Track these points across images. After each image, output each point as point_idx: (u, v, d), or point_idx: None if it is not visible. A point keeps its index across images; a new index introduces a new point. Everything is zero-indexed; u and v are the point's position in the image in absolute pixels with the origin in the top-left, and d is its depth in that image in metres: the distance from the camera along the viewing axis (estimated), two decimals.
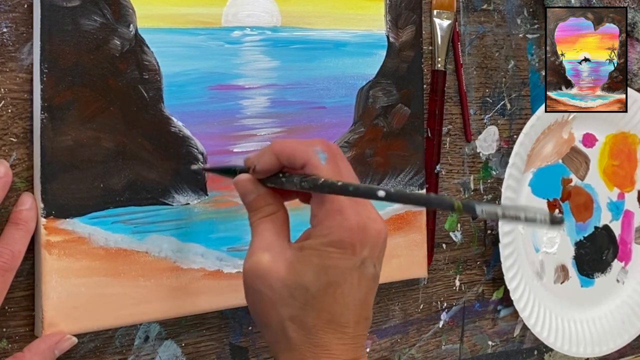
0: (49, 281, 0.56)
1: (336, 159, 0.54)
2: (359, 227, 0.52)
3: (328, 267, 0.52)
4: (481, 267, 0.84)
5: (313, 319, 0.52)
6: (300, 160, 0.53)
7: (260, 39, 0.66)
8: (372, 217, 0.53)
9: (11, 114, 0.56)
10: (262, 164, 0.55)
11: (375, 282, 0.55)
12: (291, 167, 0.54)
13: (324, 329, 0.52)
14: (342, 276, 0.52)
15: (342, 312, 0.52)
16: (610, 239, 0.91)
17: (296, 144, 0.54)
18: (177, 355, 0.65)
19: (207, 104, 0.64)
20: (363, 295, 0.53)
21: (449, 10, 0.79)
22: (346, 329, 0.52)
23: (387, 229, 0.55)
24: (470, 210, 0.43)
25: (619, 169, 0.91)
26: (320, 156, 0.53)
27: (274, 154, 0.54)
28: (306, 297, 0.52)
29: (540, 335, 0.84)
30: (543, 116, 0.82)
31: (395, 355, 0.78)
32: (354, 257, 0.52)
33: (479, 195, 0.84)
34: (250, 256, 0.54)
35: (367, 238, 0.52)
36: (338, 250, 0.52)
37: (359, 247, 0.52)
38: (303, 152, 0.53)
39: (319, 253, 0.52)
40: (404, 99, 0.74)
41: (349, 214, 0.52)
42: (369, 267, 0.53)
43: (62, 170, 0.57)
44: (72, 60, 0.57)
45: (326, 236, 0.52)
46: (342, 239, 0.52)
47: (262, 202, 0.55)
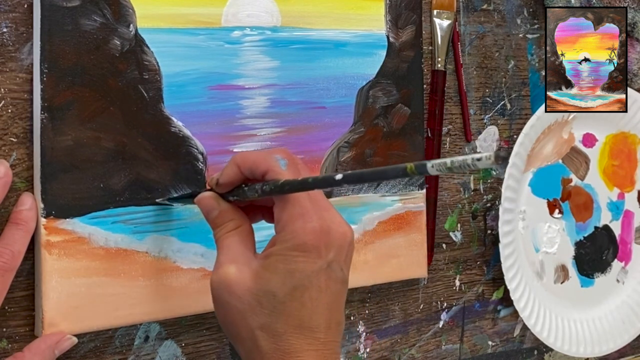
0: (49, 281, 0.56)
1: (296, 165, 0.54)
2: (323, 230, 0.52)
3: (293, 271, 0.51)
4: (481, 267, 0.84)
5: (282, 324, 0.51)
6: (262, 168, 0.53)
7: (260, 39, 0.66)
8: (336, 220, 0.53)
9: (11, 114, 0.56)
10: (224, 176, 0.55)
11: (344, 285, 0.54)
12: (253, 178, 0.55)
13: (294, 335, 0.52)
14: (308, 280, 0.52)
15: (311, 317, 0.52)
16: (610, 239, 0.91)
17: (256, 154, 0.55)
18: (177, 355, 0.65)
19: (207, 104, 0.64)
20: (332, 298, 0.53)
21: (449, 10, 0.79)
22: (316, 334, 0.52)
23: (353, 233, 0.54)
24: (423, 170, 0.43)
25: (619, 169, 0.91)
26: (281, 162, 0.53)
27: (236, 165, 0.55)
28: (273, 303, 0.52)
29: (540, 335, 0.84)
30: (543, 116, 0.82)
31: (395, 355, 0.78)
32: (319, 260, 0.52)
33: (479, 195, 0.84)
34: (217, 270, 0.54)
35: (332, 241, 0.52)
36: (302, 254, 0.52)
37: (323, 250, 0.52)
38: (263, 160, 0.53)
39: (284, 258, 0.52)
40: (404, 99, 0.74)
41: (311, 217, 0.52)
42: (336, 271, 0.53)
43: (62, 170, 0.57)
44: (72, 60, 0.57)
45: (289, 240, 0.52)
46: (306, 242, 0.51)
47: (226, 217, 0.56)
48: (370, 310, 0.76)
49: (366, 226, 0.72)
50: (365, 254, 0.72)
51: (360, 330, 0.75)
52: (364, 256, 0.72)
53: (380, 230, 0.73)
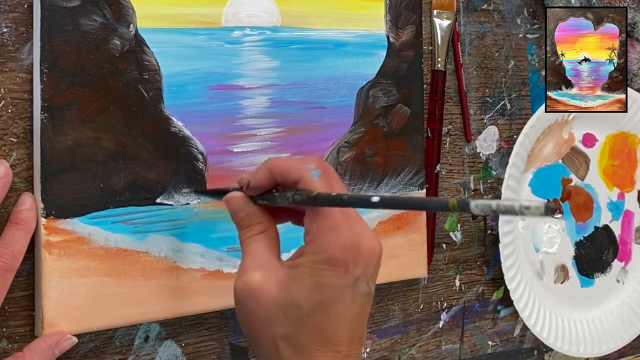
0: (49, 281, 0.56)
1: (329, 177, 0.54)
2: (352, 245, 0.51)
3: (321, 285, 0.51)
4: (481, 267, 0.84)
5: (305, 337, 0.51)
6: (294, 177, 0.53)
7: (260, 39, 0.66)
8: (365, 235, 0.53)
9: (11, 114, 0.56)
10: (256, 179, 0.55)
11: (369, 300, 0.54)
12: (284, 184, 0.54)
13: (317, 348, 0.51)
14: (335, 294, 0.51)
15: (335, 331, 0.52)
16: (610, 239, 0.91)
17: (290, 161, 0.54)
18: (177, 355, 0.65)
19: (207, 104, 0.64)
20: (356, 313, 0.53)
21: (449, 10, 0.79)
22: (339, 347, 0.52)
23: (382, 247, 0.54)
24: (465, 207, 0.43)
25: (619, 169, 0.91)
26: (314, 173, 0.53)
27: (268, 170, 0.54)
28: (299, 315, 0.51)
29: (540, 335, 0.84)
30: (543, 116, 0.82)
31: (395, 355, 0.78)
32: (347, 275, 0.51)
33: (479, 195, 0.84)
34: (242, 275, 0.53)
35: (361, 256, 0.52)
36: (331, 268, 0.51)
37: (352, 265, 0.51)
38: (297, 169, 0.53)
39: (312, 271, 0.51)
40: (404, 99, 0.74)
41: (342, 231, 0.51)
42: (362, 286, 0.53)
43: (62, 170, 0.57)
44: (72, 60, 0.57)
45: (319, 254, 0.51)
46: (335, 256, 0.51)
47: (253, 220, 0.55)
48: (370, 310, 0.76)
49: None
50: None
51: None
52: None
53: (380, 230, 0.73)
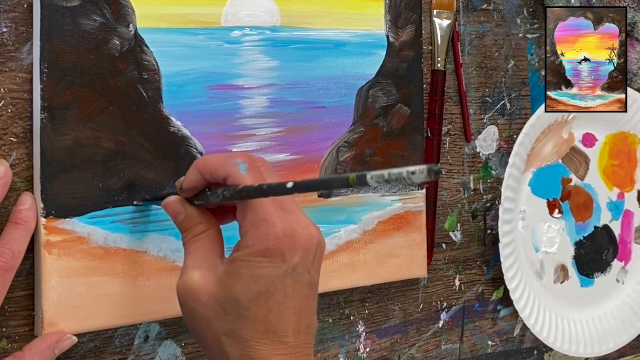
0: (49, 281, 0.56)
1: (259, 169, 0.54)
2: (286, 235, 0.51)
3: (258, 277, 0.51)
4: (481, 267, 0.84)
5: (248, 331, 0.51)
6: (222, 173, 0.53)
7: (260, 39, 0.66)
8: (302, 223, 0.53)
9: (11, 114, 0.56)
10: (187, 182, 0.55)
11: (313, 288, 0.54)
12: (216, 183, 0.54)
13: (261, 341, 0.51)
14: (273, 285, 0.51)
15: (278, 322, 0.51)
16: (610, 239, 0.91)
17: (217, 158, 0.54)
18: (177, 355, 0.65)
19: (207, 104, 0.64)
20: (300, 302, 0.52)
21: (449, 10, 0.79)
22: (285, 338, 0.51)
23: (321, 235, 0.54)
24: (363, 181, 0.43)
25: (619, 169, 0.91)
26: (241, 167, 0.53)
27: (197, 171, 0.54)
28: (238, 309, 0.51)
29: (540, 335, 0.84)
30: (543, 116, 0.82)
31: (395, 355, 0.78)
32: (283, 264, 0.51)
33: (479, 195, 0.84)
34: (182, 276, 0.54)
35: (297, 244, 0.52)
36: (266, 259, 0.51)
37: (288, 254, 0.51)
38: (223, 165, 0.53)
39: (247, 264, 0.51)
40: (404, 99, 0.74)
41: (274, 222, 0.51)
42: (302, 274, 0.52)
43: (62, 170, 0.57)
44: (72, 60, 0.57)
45: (253, 246, 0.51)
46: (269, 247, 0.51)
47: (192, 222, 0.55)
48: (370, 310, 0.76)
49: (366, 226, 0.72)
50: (365, 254, 0.72)
51: (360, 330, 0.75)
52: (364, 256, 0.72)
53: (380, 230, 0.73)
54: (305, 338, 0.53)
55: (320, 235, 0.54)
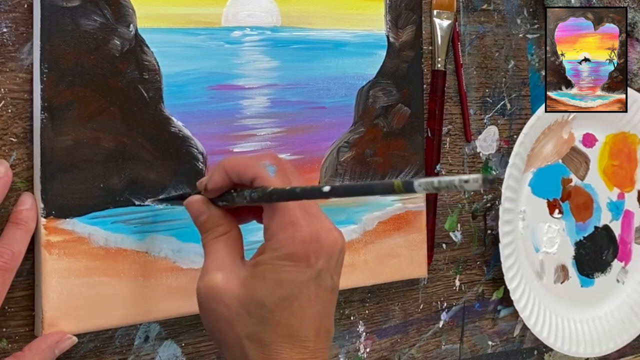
0: (49, 281, 0.56)
1: (286, 171, 0.54)
2: (312, 239, 0.51)
3: (282, 281, 0.51)
4: (481, 267, 0.84)
5: (270, 334, 0.51)
6: (250, 175, 0.53)
7: (260, 39, 0.66)
8: (326, 227, 0.53)
9: (11, 114, 0.56)
10: (213, 181, 0.55)
11: (334, 293, 0.54)
12: (242, 184, 0.54)
13: (283, 345, 0.51)
14: (298, 289, 0.51)
15: (300, 326, 0.51)
16: (610, 239, 0.91)
17: (245, 159, 0.54)
18: (177, 355, 0.65)
19: (207, 104, 0.64)
20: (321, 307, 0.52)
21: (449, 10, 0.79)
22: (305, 342, 0.51)
23: (344, 239, 0.54)
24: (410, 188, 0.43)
25: (619, 169, 0.91)
26: (269, 169, 0.53)
27: (224, 171, 0.54)
28: (262, 312, 0.51)
29: (540, 335, 0.84)
30: (543, 116, 0.82)
31: (395, 355, 0.78)
32: (308, 269, 0.51)
33: (479, 195, 0.84)
34: (203, 276, 0.53)
35: (322, 249, 0.52)
36: (291, 263, 0.51)
37: (313, 258, 0.51)
38: (251, 167, 0.53)
39: (273, 267, 0.51)
40: (404, 99, 0.74)
41: (301, 225, 0.51)
42: (325, 279, 0.52)
43: (62, 170, 0.57)
44: (72, 60, 0.57)
45: (278, 250, 0.51)
46: (295, 251, 0.51)
47: (215, 223, 0.55)
48: (370, 310, 0.76)
49: (366, 226, 0.72)
50: (365, 254, 0.72)
51: (360, 330, 0.75)
52: (364, 256, 0.72)
53: (380, 230, 0.73)
54: (324, 342, 0.53)
55: (343, 239, 0.54)
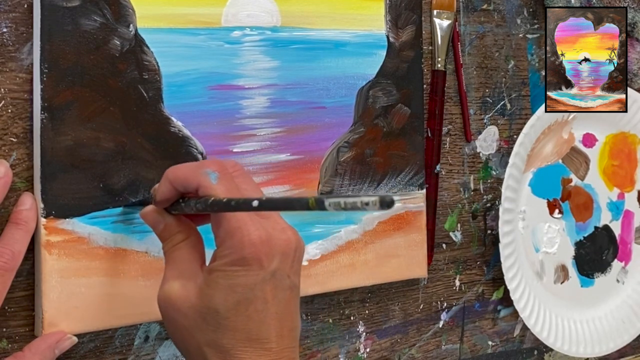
0: (49, 281, 0.56)
1: (231, 177, 0.53)
2: (262, 241, 0.51)
3: (235, 286, 0.50)
4: (481, 267, 0.84)
5: (229, 340, 0.51)
6: (193, 184, 0.52)
7: (260, 39, 0.66)
8: (278, 227, 0.52)
9: (11, 114, 0.56)
10: (160, 193, 0.54)
11: (294, 291, 0.53)
12: (188, 192, 0.54)
13: (243, 349, 0.51)
14: (252, 292, 0.51)
15: (260, 329, 0.51)
16: (610, 239, 0.91)
17: (187, 168, 0.54)
18: (177, 355, 0.65)
19: (207, 104, 0.64)
20: (281, 307, 0.52)
21: (449, 10, 0.79)
22: (267, 344, 0.51)
23: (299, 237, 0.53)
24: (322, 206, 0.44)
25: (619, 169, 0.91)
26: (211, 176, 0.52)
27: (169, 182, 0.54)
28: (217, 319, 0.51)
29: (540, 335, 0.84)
30: (543, 116, 0.82)
31: (395, 355, 0.78)
32: (261, 271, 0.51)
33: (479, 195, 0.84)
34: (162, 285, 0.53)
35: (274, 249, 0.51)
36: (242, 268, 0.51)
37: (265, 260, 0.51)
38: (194, 176, 0.52)
39: (224, 274, 0.51)
40: (404, 99, 0.74)
41: (248, 229, 0.51)
42: (282, 279, 0.52)
43: (62, 170, 0.57)
44: (72, 60, 0.57)
45: (228, 255, 0.51)
46: (244, 255, 0.50)
47: (171, 231, 0.55)
48: (370, 310, 0.76)
49: (366, 226, 0.72)
50: (365, 254, 0.72)
51: (360, 330, 0.75)
52: (364, 256, 0.72)
53: (380, 230, 0.73)
54: (288, 341, 0.52)
55: (297, 238, 0.53)
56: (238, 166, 0.55)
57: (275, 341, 0.51)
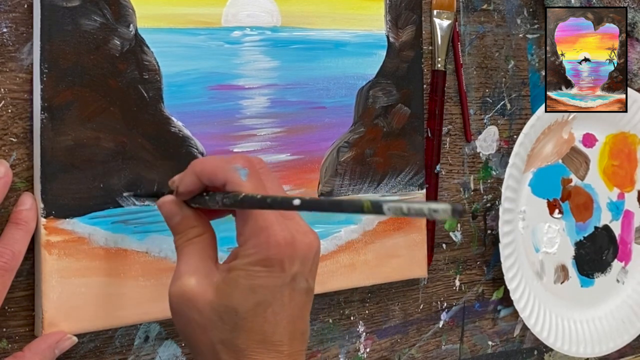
0: (49, 281, 0.56)
1: (258, 174, 0.52)
2: (287, 243, 0.50)
3: (256, 287, 0.50)
4: (481, 267, 0.85)
5: (244, 340, 0.50)
6: (221, 179, 0.52)
7: (260, 39, 0.66)
8: (301, 230, 0.52)
9: (11, 114, 0.56)
10: (184, 185, 0.53)
11: (309, 296, 0.53)
12: (213, 187, 0.53)
13: (257, 351, 0.50)
14: (272, 295, 0.50)
15: (274, 331, 0.51)
16: (610, 239, 0.91)
17: (216, 162, 0.53)
18: (177, 355, 0.65)
19: (207, 104, 0.64)
20: (296, 311, 0.52)
21: (449, 10, 0.79)
22: (280, 347, 0.51)
23: (319, 241, 0.53)
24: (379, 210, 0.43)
25: (619, 169, 0.91)
26: (241, 172, 0.51)
27: (195, 175, 0.53)
28: (235, 319, 0.50)
29: (540, 335, 0.84)
30: (543, 116, 0.82)
31: (395, 355, 0.78)
32: (283, 274, 0.50)
33: (479, 195, 0.84)
34: (176, 280, 0.52)
35: (296, 253, 0.51)
36: (265, 269, 0.50)
37: (287, 263, 0.50)
38: (222, 171, 0.52)
39: (246, 273, 0.50)
40: (404, 99, 0.74)
41: (275, 229, 0.50)
42: (300, 282, 0.52)
43: (62, 170, 0.57)
44: (72, 60, 0.57)
45: (252, 255, 0.50)
46: (269, 256, 0.50)
47: (188, 225, 0.54)
48: (370, 310, 0.76)
49: (366, 226, 0.72)
50: (365, 254, 0.72)
51: (360, 330, 0.75)
52: (364, 256, 0.72)
53: (380, 230, 0.73)
54: (299, 345, 0.52)
55: (318, 242, 0.53)
56: (263, 163, 0.55)
57: (288, 344, 0.51)
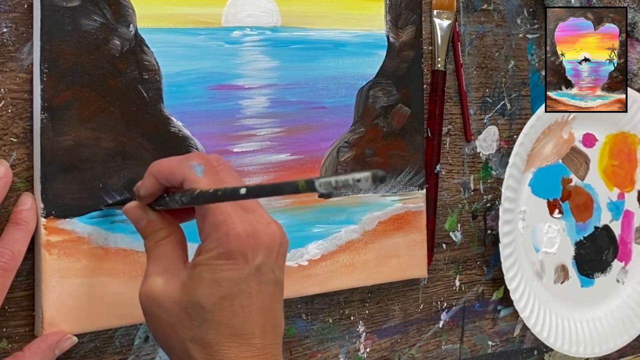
0: (49, 281, 0.56)
1: (215, 170, 0.52)
2: (248, 234, 0.50)
3: (220, 280, 0.50)
4: (481, 267, 0.85)
5: (214, 335, 0.50)
6: (178, 177, 0.52)
7: (260, 39, 0.66)
8: (263, 221, 0.52)
9: (11, 114, 0.56)
10: (144, 189, 0.54)
11: (278, 287, 0.53)
12: (173, 187, 0.53)
13: (227, 344, 0.50)
14: (237, 287, 0.50)
15: (244, 324, 0.50)
16: (610, 239, 0.91)
17: (172, 162, 0.53)
18: None
19: (207, 104, 0.64)
20: (265, 302, 0.51)
21: (449, 10, 0.79)
22: (252, 340, 0.51)
23: (284, 232, 0.53)
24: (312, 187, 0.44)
25: (619, 169, 0.91)
26: (197, 169, 0.51)
27: (152, 176, 0.53)
28: (202, 314, 0.50)
29: (540, 335, 0.84)
30: (543, 116, 0.82)
31: (395, 355, 0.78)
32: (246, 265, 0.50)
33: (479, 195, 0.84)
34: (144, 282, 0.53)
35: (259, 244, 0.51)
36: (228, 262, 0.50)
37: (250, 254, 0.50)
38: (179, 169, 0.52)
39: (209, 267, 0.50)
40: (404, 99, 0.74)
41: (234, 222, 0.50)
42: (266, 274, 0.51)
43: (62, 170, 0.57)
44: (72, 60, 0.57)
45: (214, 249, 0.50)
46: (230, 249, 0.50)
47: (154, 227, 0.54)
48: (370, 310, 0.76)
49: (366, 226, 0.72)
50: (365, 254, 0.72)
51: (360, 330, 0.75)
52: (364, 256, 0.72)
53: (380, 230, 0.73)
54: (272, 338, 0.52)
55: (282, 232, 0.53)
56: (222, 160, 0.55)
57: (259, 337, 0.51)
